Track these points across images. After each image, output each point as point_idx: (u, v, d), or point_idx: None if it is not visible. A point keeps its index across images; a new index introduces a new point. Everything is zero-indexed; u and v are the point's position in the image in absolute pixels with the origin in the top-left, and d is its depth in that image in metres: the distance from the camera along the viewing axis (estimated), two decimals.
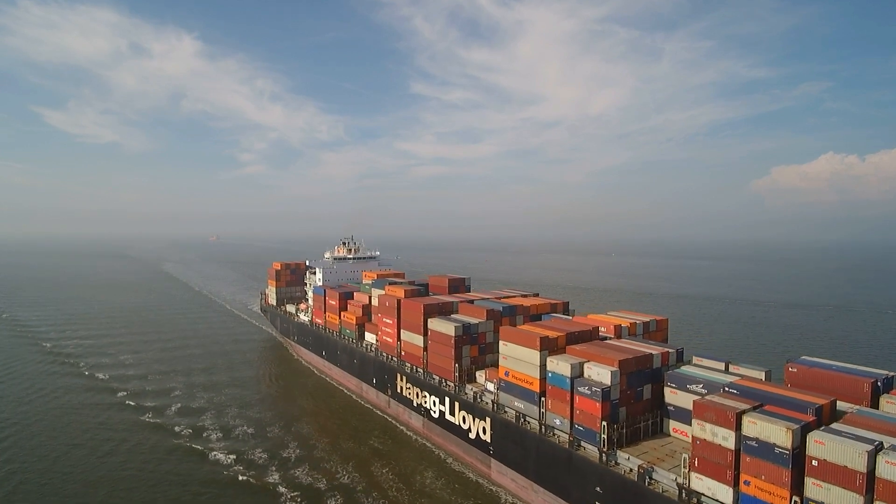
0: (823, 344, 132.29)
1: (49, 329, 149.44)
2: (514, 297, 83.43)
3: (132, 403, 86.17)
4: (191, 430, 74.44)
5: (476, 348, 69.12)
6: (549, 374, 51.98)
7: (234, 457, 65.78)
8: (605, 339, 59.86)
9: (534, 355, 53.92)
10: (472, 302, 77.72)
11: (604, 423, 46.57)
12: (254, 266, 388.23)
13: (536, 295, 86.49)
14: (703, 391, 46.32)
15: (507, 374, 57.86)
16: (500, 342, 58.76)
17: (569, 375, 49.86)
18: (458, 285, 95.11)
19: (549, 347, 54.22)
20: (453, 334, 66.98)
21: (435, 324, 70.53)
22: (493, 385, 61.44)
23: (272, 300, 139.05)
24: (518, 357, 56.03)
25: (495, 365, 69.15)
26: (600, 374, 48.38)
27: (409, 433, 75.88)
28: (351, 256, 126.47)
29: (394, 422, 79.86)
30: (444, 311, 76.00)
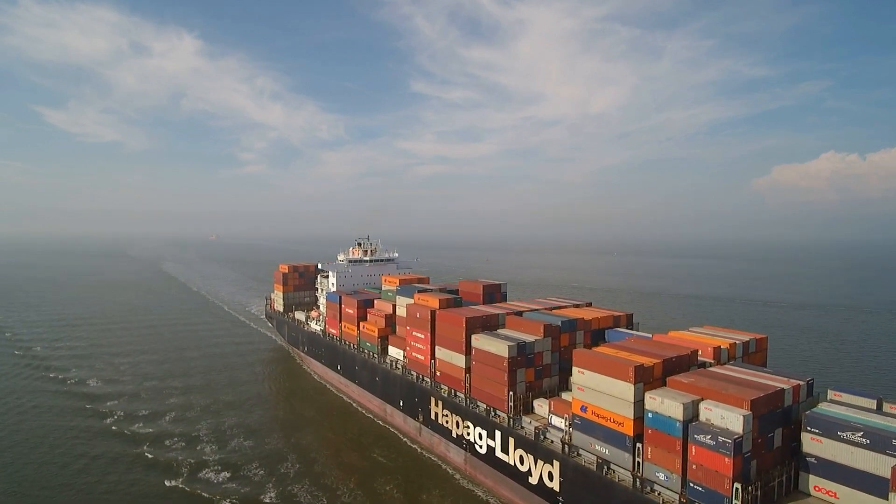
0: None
1: (43, 332, 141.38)
2: (566, 306, 71.81)
3: (121, 415, 77.93)
4: (186, 456, 63.52)
5: (532, 372, 57.42)
6: (650, 415, 40.58)
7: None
8: (705, 365, 48.50)
9: (626, 389, 42.42)
10: (520, 314, 66.22)
11: (737, 485, 35.29)
12: (255, 266, 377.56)
13: (590, 304, 74.90)
14: (866, 441, 35.14)
15: (583, 408, 46.43)
16: (575, 369, 47.24)
17: (680, 418, 38.47)
18: (493, 293, 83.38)
19: (645, 379, 42.82)
20: (507, 355, 55.33)
21: (482, 341, 59.00)
22: (562, 420, 50.02)
23: (279, 306, 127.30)
24: (601, 389, 44.55)
25: (553, 391, 58.03)
26: (726, 417, 36.97)
27: (446, 468, 64.52)
28: (367, 259, 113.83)
29: (427, 454, 68.31)
30: (489, 325, 64.39)
